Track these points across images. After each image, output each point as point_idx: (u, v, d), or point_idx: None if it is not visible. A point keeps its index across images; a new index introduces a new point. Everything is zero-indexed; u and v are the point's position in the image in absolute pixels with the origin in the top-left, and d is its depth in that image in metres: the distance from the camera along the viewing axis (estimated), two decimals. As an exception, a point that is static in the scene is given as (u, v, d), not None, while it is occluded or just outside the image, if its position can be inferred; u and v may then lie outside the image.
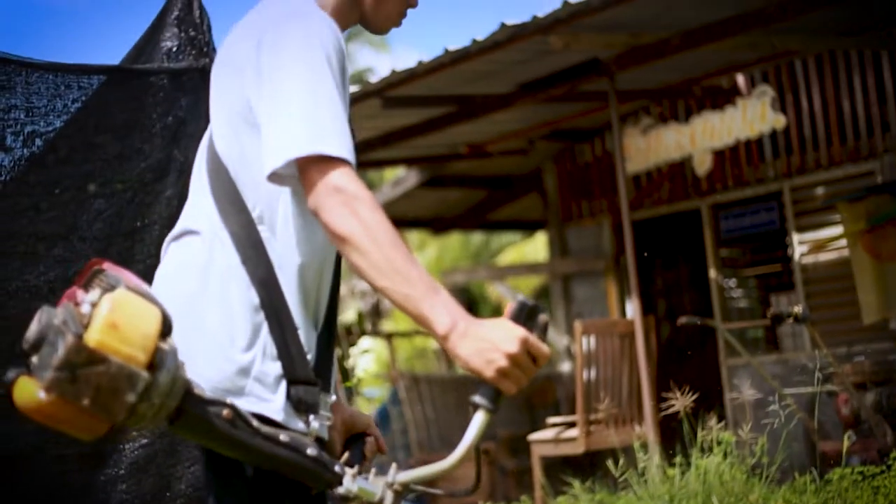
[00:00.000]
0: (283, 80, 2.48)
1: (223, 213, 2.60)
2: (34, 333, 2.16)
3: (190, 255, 2.63)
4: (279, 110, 2.46)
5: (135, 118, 4.79)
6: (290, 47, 2.51)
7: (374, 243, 2.36)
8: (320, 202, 2.40)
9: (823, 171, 11.15)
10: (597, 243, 13.55)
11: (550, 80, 10.45)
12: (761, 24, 8.77)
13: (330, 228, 2.40)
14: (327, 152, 2.40)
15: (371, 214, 2.37)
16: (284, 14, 2.59)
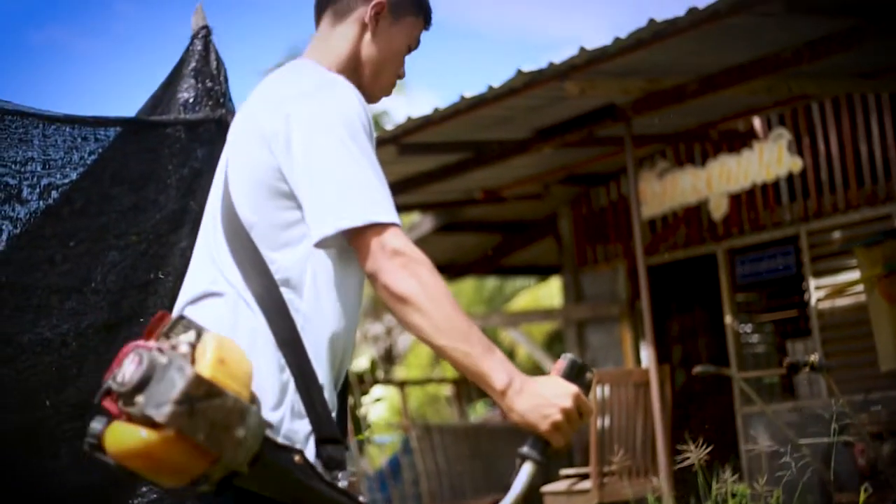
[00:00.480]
0: (323, 152, 2.59)
1: (246, 275, 2.66)
2: (138, 374, 2.21)
3: (215, 317, 2.64)
4: (324, 181, 2.57)
5: (150, 169, 4.75)
6: (326, 119, 2.62)
7: (434, 304, 2.49)
8: (380, 265, 2.52)
9: (840, 215, 11.08)
10: (612, 289, 13.48)
11: (566, 125, 10.43)
12: (778, 68, 8.74)
13: (391, 290, 2.51)
14: (381, 219, 2.54)
15: (430, 276, 2.52)
16: (312, 85, 2.71)
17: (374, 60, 2.93)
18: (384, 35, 2.94)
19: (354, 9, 2.92)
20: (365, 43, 2.93)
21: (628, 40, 8.38)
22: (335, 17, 2.94)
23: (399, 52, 2.98)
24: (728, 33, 8.58)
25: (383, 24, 2.93)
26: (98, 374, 4.58)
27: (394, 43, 2.96)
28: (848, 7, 8.21)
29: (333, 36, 2.94)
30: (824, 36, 8.45)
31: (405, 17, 2.97)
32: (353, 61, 2.92)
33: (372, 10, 2.91)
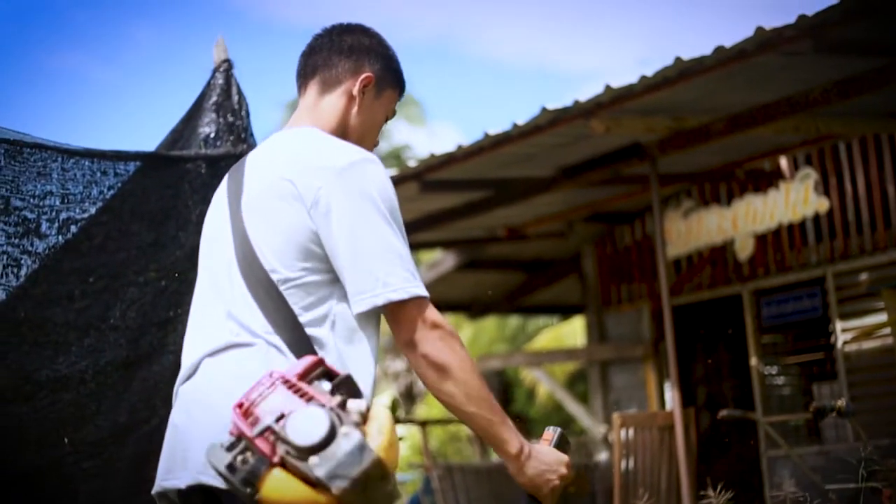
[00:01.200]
0: (366, 227, 2.78)
1: (276, 326, 2.79)
2: (318, 436, 2.33)
3: (247, 367, 2.74)
4: (369, 255, 2.77)
5: (171, 205, 4.71)
6: (365, 195, 2.80)
7: (467, 374, 2.78)
8: (421, 336, 2.77)
9: (867, 256, 10.97)
10: (636, 329, 13.38)
11: (591, 163, 10.36)
12: (805, 108, 8.66)
13: (430, 359, 2.77)
14: (421, 293, 2.79)
15: (462, 350, 2.80)
16: (346, 159, 2.86)
17: (359, 130, 3.11)
18: (368, 107, 3.13)
19: (343, 81, 3.11)
20: (352, 114, 3.11)
21: (654, 78, 8.32)
22: (323, 86, 3.12)
23: (379, 123, 3.18)
24: (755, 72, 8.52)
25: (368, 97, 3.12)
26: (117, 412, 4.54)
27: (376, 114, 3.16)
28: (876, 47, 8.15)
29: (322, 105, 3.11)
30: (852, 76, 8.38)
31: (386, 90, 3.17)
32: (342, 130, 3.08)
33: (360, 84, 3.11)
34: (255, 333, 2.79)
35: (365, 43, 3.15)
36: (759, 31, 7.69)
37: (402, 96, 3.23)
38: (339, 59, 3.12)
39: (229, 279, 2.90)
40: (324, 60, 3.13)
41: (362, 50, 3.13)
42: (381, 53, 3.17)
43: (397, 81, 3.20)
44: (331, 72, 3.11)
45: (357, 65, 3.11)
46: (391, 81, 3.18)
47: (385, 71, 3.15)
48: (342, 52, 3.12)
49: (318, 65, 3.14)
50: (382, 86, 3.15)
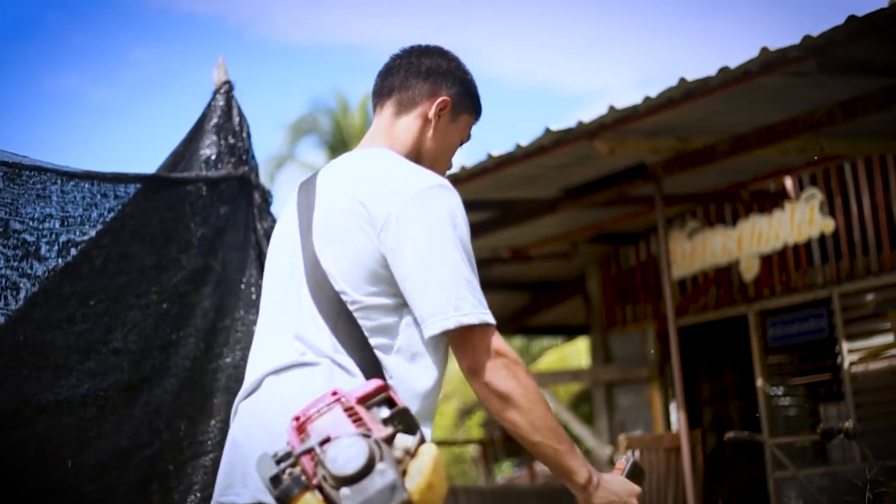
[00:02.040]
0: (439, 252, 2.79)
1: (346, 348, 2.80)
2: (353, 467, 2.31)
3: (310, 385, 2.74)
4: (442, 279, 2.77)
5: (171, 227, 4.68)
6: (439, 220, 2.81)
7: (532, 404, 2.76)
8: (484, 364, 2.76)
9: (873, 277, 10.94)
10: (641, 350, 13.34)
11: (595, 184, 10.33)
12: (810, 129, 8.64)
13: (493, 388, 2.76)
14: (489, 320, 2.77)
15: (527, 378, 2.78)
16: (423, 184, 2.86)
17: (433, 154, 3.09)
18: (444, 131, 3.10)
19: (419, 104, 3.08)
20: (427, 137, 3.08)
21: (658, 99, 8.30)
22: (399, 108, 3.09)
23: (454, 147, 3.15)
24: (760, 93, 8.50)
25: (444, 121, 3.09)
26: (118, 436, 4.51)
27: (451, 138, 3.13)
28: (881, 67, 8.13)
29: (397, 126, 3.08)
30: (857, 96, 8.36)
31: (462, 114, 3.14)
32: (416, 153, 3.06)
33: (437, 108, 3.08)
34: (323, 353, 2.81)
35: (443, 66, 3.13)
36: (763, 52, 7.67)
37: (477, 121, 3.19)
38: (417, 82, 3.10)
39: (298, 299, 2.90)
40: (401, 82, 3.11)
41: (440, 73, 3.11)
42: (458, 77, 3.13)
43: (474, 106, 3.17)
44: (407, 93, 3.09)
45: (434, 88, 3.09)
46: (467, 106, 3.15)
47: (462, 95, 3.13)
48: (419, 75, 3.10)
49: (394, 86, 3.11)
50: (458, 110, 3.13)
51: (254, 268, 4.90)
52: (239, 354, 4.80)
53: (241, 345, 4.79)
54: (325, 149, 34.29)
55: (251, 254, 4.93)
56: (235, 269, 4.91)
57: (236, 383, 4.70)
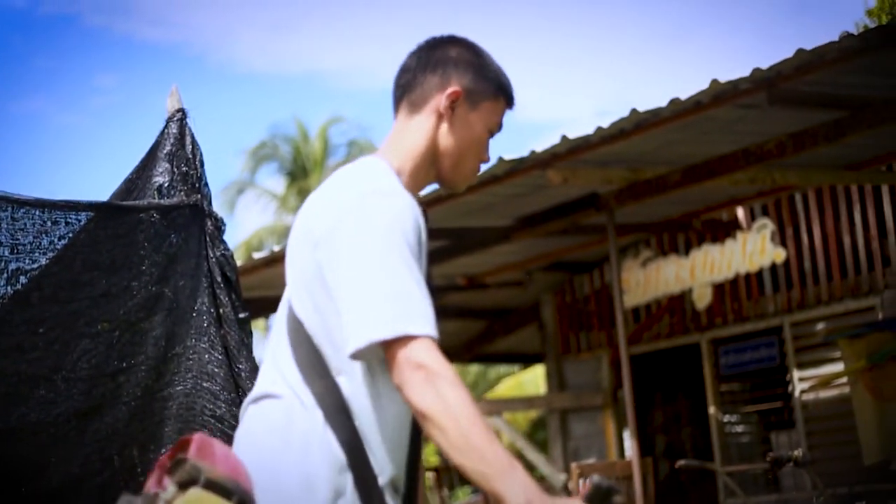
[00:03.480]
0: (363, 262, 2.58)
1: (306, 376, 2.67)
2: None
3: (269, 420, 2.68)
4: (361, 291, 2.56)
5: (123, 255, 4.67)
6: (368, 229, 2.60)
7: (452, 421, 2.44)
8: (404, 378, 2.48)
9: (824, 306, 11.04)
10: (595, 377, 13.39)
11: (549, 213, 10.39)
12: (761, 160, 8.72)
13: (412, 404, 2.49)
14: (410, 331, 2.49)
15: (451, 392, 2.46)
16: (362, 192, 2.66)
17: (453, 150, 2.85)
18: (462, 123, 2.85)
19: (429, 99, 2.84)
20: (442, 133, 2.84)
21: (610, 130, 8.36)
22: (411, 108, 2.86)
23: (479, 139, 2.88)
24: (711, 124, 8.58)
25: (460, 112, 2.84)
26: (69, 464, 4.51)
27: (473, 130, 2.86)
28: (830, 100, 8.22)
29: (409, 128, 2.85)
30: (807, 128, 8.45)
31: (483, 102, 2.87)
32: (431, 153, 2.85)
33: (447, 100, 2.83)
34: (289, 384, 2.68)
35: (451, 55, 2.86)
36: (714, 84, 7.74)
37: (510, 106, 2.91)
38: (425, 76, 2.85)
39: (279, 326, 2.81)
40: (410, 80, 2.87)
41: (448, 62, 2.85)
42: (469, 62, 2.86)
43: (498, 90, 2.88)
44: (417, 91, 2.85)
45: (443, 79, 2.83)
46: (488, 92, 2.86)
47: (477, 81, 2.85)
48: (427, 68, 2.85)
49: (405, 85, 2.88)
50: (476, 98, 2.85)
51: (206, 295, 4.89)
52: (190, 383, 4.79)
53: (192, 373, 4.78)
54: (284, 175, 34.29)
55: (203, 281, 4.91)
56: (187, 297, 4.90)
57: (188, 411, 4.69)
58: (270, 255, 11.30)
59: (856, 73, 7.79)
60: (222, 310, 4.81)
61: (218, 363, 4.74)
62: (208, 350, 4.76)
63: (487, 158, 2.92)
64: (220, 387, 4.71)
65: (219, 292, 4.83)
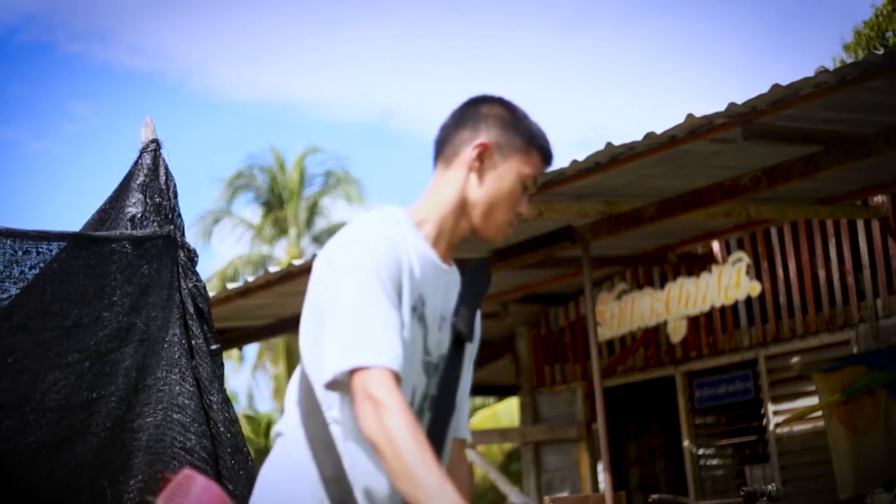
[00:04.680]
0: (336, 299, 2.73)
1: (304, 414, 2.82)
2: None
3: (273, 457, 2.87)
4: (332, 328, 2.71)
5: (95, 285, 4.65)
6: (343, 267, 2.76)
7: (390, 447, 2.56)
8: (357, 408, 2.63)
9: (799, 340, 11.06)
10: (569, 410, 13.38)
11: (524, 246, 10.38)
12: (736, 194, 8.74)
13: (363, 432, 2.63)
14: (363, 363, 2.64)
15: (392, 420, 2.58)
16: (346, 235, 2.82)
17: (483, 201, 2.92)
18: (492, 175, 2.92)
19: (460, 152, 2.93)
20: (471, 185, 2.92)
21: (585, 163, 8.36)
22: (445, 163, 2.95)
23: (511, 191, 2.93)
24: (686, 158, 8.59)
25: (489, 165, 2.91)
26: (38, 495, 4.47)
27: (503, 182, 2.92)
28: (805, 135, 8.24)
29: (442, 181, 2.95)
30: (782, 163, 8.47)
31: (513, 154, 2.92)
32: (461, 204, 2.93)
33: (475, 152, 2.91)
34: (288, 423, 2.84)
35: (482, 111, 2.96)
36: (689, 118, 7.76)
37: (547, 162, 2.99)
38: (457, 132, 2.95)
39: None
40: (444, 136, 2.98)
41: (478, 118, 2.95)
42: (499, 117, 2.95)
43: (528, 143, 2.94)
44: (450, 146, 2.95)
45: (472, 134, 2.93)
46: (518, 145, 2.93)
47: (506, 135, 2.92)
48: (460, 124, 2.96)
49: (441, 141, 2.99)
50: (506, 151, 2.92)
51: (177, 327, 4.88)
52: (161, 414, 4.77)
53: (162, 404, 4.76)
54: (260, 205, 34.25)
55: (175, 313, 4.90)
56: (159, 328, 4.88)
57: (157, 443, 4.68)
58: (244, 285, 11.27)
59: (831, 108, 7.80)
60: (194, 341, 4.80)
61: (189, 395, 4.73)
62: (179, 382, 4.75)
63: (524, 211, 2.98)
64: (191, 418, 4.70)
65: (191, 324, 4.83)
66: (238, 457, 4.72)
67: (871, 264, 10.67)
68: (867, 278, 10.65)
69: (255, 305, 11.78)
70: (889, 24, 18.37)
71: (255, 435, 28.25)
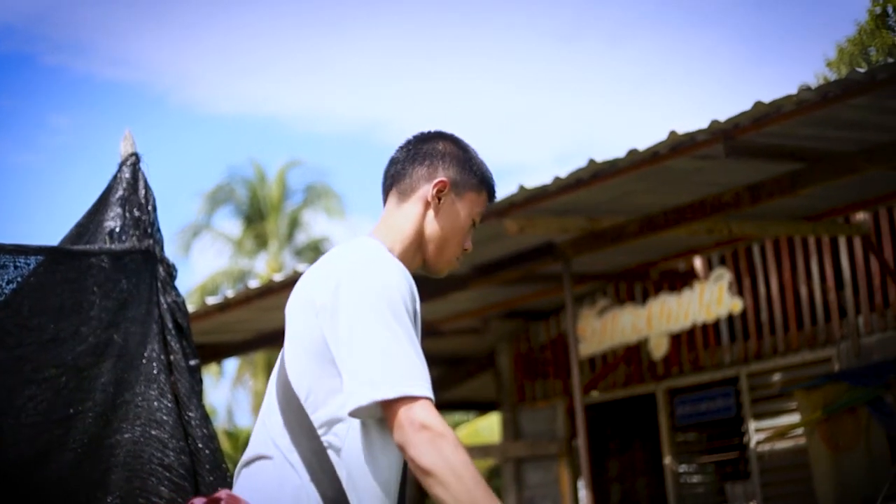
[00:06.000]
0: (364, 327, 2.76)
1: (294, 438, 2.83)
2: None
3: (262, 481, 2.85)
4: (362, 354, 2.74)
5: (73, 300, 4.62)
6: (370, 295, 2.79)
7: (456, 478, 2.64)
8: (408, 438, 2.67)
9: (780, 357, 11.07)
10: (550, 426, 13.36)
11: (506, 262, 10.37)
12: (718, 211, 8.75)
13: (416, 463, 2.66)
14: (412, 392, 2.69)
15: (453, 451, 2.66)
16: (362, 261, 2.87)
17: (438, 237, 3.05)
18: (447, 212, 3.05)
19: (418, 188, 3.05)
20: (428, 221, 3.05)
21: (567, 179, 8.37)
22: (400, 196, 3.07)
23: (462, 227, 3.08)
24: (668, 175, 8.60)
25: (446, 202, 3.05)
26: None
27: (457, 219, 3.07)
28: (787, 152, 8.26)
29: (398, 214, 3.06)
30: (764, 179, 8.49)
31: (467, 193, 3.07)
32: (418, 238, 3.04)
33: (434, 189, 3.04)
34: (278, 446, 2.84)
35: (439, 148, 3.09)
36: (671, 135, 7.76)
37: (491, 199, 3.14)
38: (414, 167, 3.07)
39: (271, 391, 2.97)
40: (399, 170, 3.09)
41: (436, 155, 3.08)
42: (455, 156, 3.08)
43: (480, 183, 3.10)
44: (406, 181, 3.07)
45: (430, 171, 3.06)
46: (471, 184, 3.08)
47: (462, 173, 3.06)
48: (416, 160, 3.08)
49: (395, 175, 3.10)
50: (461, 189, 3.06)
51: (156, 342, 4.84)
52: (139, 430, 4.73)
53: (140, 420, 4.72)
54: (241, 218, 34.19)
55: (154, 328, 4.87)
56: (137, 344, 4.85)
57: (135, 459, 4.64)
58: (224, 300, 11.24)
59: (813, 125, 7.83)
60: (173, 357, 4.77)
61: (167, 411, 4.69)
62: (157, 397, 4.71)
63: (469, 247, 3.13)
64: (169, 434, 4.66)
65: (169, 339, 4.80)
66: (217, 473, 4.69)
67: (852, 282, 10.68)
68: (849, 296, 10.66)
69: (234, 320, 11.76)
70: (872, 40, 18.41)
71: (235, 450, 28.17)
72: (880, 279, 10.50)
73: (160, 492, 4.56)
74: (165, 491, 4.57)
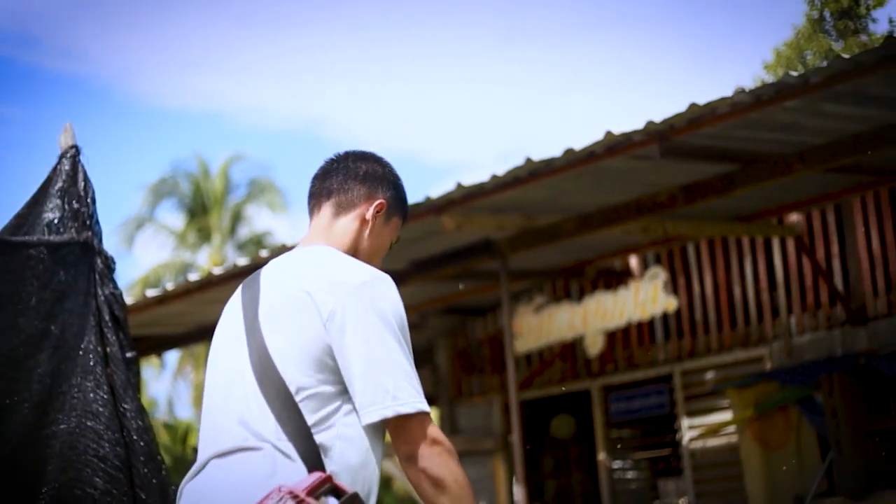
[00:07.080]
0: (379, 341, 2.92)
1: (287, 432, 2.91)
2: None
3: (247, 471, 2.91)
4: (382, 369, 2.91)
5: (10, 291, 4.62)
6: (381, 313, 2.95)
7: (461, 490, 2.88)
8: (420, 451, 2.89)
9: (713, 355, 11.19)
10: (487, 422, 13.43)
11: (444, 258, 10.42)
12: (653, 210, 8.84)
13: (428, 473, 2.88)
14: (425, 409, 2.90)
15: (458, 467, 2.90)
16: (366, 277, 3.01)
17: (368, 252, 3.23)
18: (378, 231, 3.26)
19: (357, 205, 3.25)
20: (364, 236, 3.24)
21: (505, 177, 8.43)
22: (338, 209, 3.26)
23: (386, 246, 3.30)
24: (604, 174, 8.67)
25: (379, 222, 3.25)
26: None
27: (384, 238, 3.28)
28: (721, 153, 8.36)
29: (336, 226, 3.25)
30: (699, 180, 8.58)
31: (394, 216, 3.30)
32: (353, 251, 3.21)
33: (374, 209, 3.24)
34: (264, 439, 2.92)
35: (378, 171, 3.29)
36: (608, 135, 7.84)
37: (404, 223, 3.36)
38: (355, 185, 3.26)
39: (243, 386, 3.01)
40: (339, 184, 3.27)
41: (376, 177, 3.28)
42: (392, 182, 3.31)
43: (404, 210, 3.34)
44: (346, 195, 3.25)
45: (371, 191, 3.25)
46: (399, 210, 3.31)
47: (395, 199, 3.29)
48: (357, 178, 3.27)
49: (333, 188, 3.27)
50: (391, 213, 3.28)
51: (93, 334, 4.85)
52: (74, 422, 4.73)
53: (76, 412, 4.73)
54: (184, 212, 34.01)
55: (91, 320, 4.87)
56: (74, 335, 4.85)
57: (71, 450, 4.64)
58: (163, 293, 11.22)
59: (747, 127, 7.92)
60: (109, 349, 4.79)
61: (103, 402, 4.70)
62: (94, 389, 4.72)
63: (398, 238, 3.35)
64: (105, 426, 4.67)
65: (106, 331, 4.81)
66: (151, 465, 4.70)
67: (785, 282, 10.82)
68: (781, 296, 10.80)
69: (174, 313, 11.74)
70: (809, 44, 18.60)
71: (174, 442, 28.01)
72: (812, 279, 10.65)
73: (95, 483, 4.56)
74: (100, 482, 4.57)
